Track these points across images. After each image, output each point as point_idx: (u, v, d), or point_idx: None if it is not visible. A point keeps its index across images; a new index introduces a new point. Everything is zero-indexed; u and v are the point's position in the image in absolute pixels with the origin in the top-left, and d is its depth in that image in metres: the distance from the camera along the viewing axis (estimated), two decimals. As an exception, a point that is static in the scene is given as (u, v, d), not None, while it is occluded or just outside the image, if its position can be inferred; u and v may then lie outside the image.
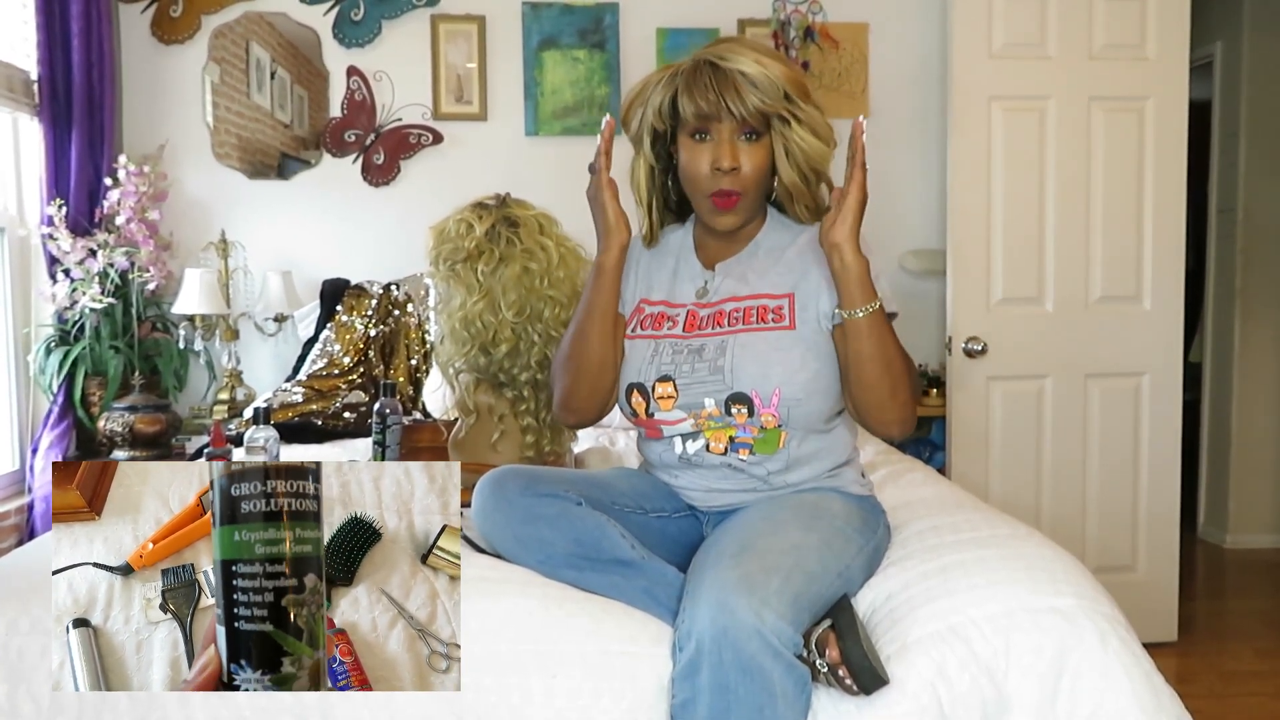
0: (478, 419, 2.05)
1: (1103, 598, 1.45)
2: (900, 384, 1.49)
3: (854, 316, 1.47)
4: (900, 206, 3.44)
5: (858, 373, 1.50)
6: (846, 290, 1.48)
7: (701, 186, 1.56)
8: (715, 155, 1.53)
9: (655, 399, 1.56)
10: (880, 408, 1.51)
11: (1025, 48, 2.96)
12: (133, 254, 2.95)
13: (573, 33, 3.33)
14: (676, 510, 1.63)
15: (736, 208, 1.56)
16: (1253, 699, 2.76)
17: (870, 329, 1.47)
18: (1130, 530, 3.08)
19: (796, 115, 1.53)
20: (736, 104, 1.51)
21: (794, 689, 1.27)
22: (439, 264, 2.01)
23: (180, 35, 3.24)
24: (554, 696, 1.34)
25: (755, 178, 1.55)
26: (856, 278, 1.47)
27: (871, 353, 1.48)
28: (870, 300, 1.47)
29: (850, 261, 1.47)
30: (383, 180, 3.33)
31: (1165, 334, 3.06)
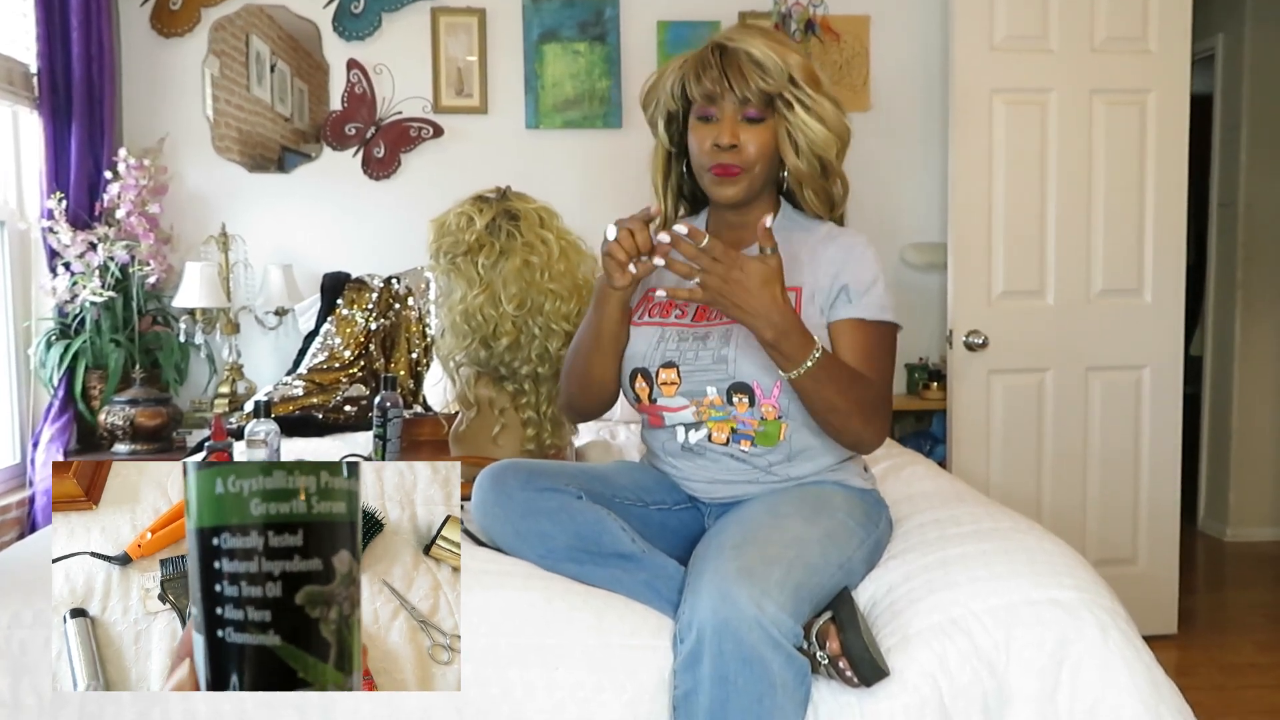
0: (478, 412, 2.05)
1: (1103, 590, 1.45)
2: (850, 422, 1.48)
3: (791, 378, 1.45)
4: (901, 199, 3.44)
5: (807, 411, 1.50)
6: (777, 359, 1.44)
7: (704, 163, 1.56)
8: (717, 133, 1.54)
9: (659, 384, 1.56)
10: (833, 437, 1.53)
11: (1027, 40, 2.95)
12: (133, 247, 2.95)
13: (573, 25, 3.33)
14: (677, 503, 1.63)
15: (736, 179, 1.55)
16: (1252, 691, 2.76)
17: (808, 388, 1.45)
18: (1131, 523, 3.08)
19: (802, 101, 1.53)
20: (739, 84, 1.51)
21: (794, 680, 1.27)
22: (439, 257, 2.01)
23: (180, 28, 3.23)
24: (555, 689, 1.35)
25: (757, 157, 1.55)
26: (780, 350, 1.42)
27: (814, 407, 1.48)
28: (802, 357, 1.42)
29: (769, 338, 1.41)
30: (383, 173, 3.33)
31: (1166, 327, 3.05)
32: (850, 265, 1.55)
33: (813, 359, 1.43)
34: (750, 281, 1.39)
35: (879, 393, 1.53)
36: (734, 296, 1.39)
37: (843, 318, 1.54)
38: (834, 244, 1.58)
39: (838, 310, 1.55)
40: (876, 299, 1.55)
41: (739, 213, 1.62)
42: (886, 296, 1.56)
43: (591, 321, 1.60)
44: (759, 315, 1.40)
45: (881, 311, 1.55)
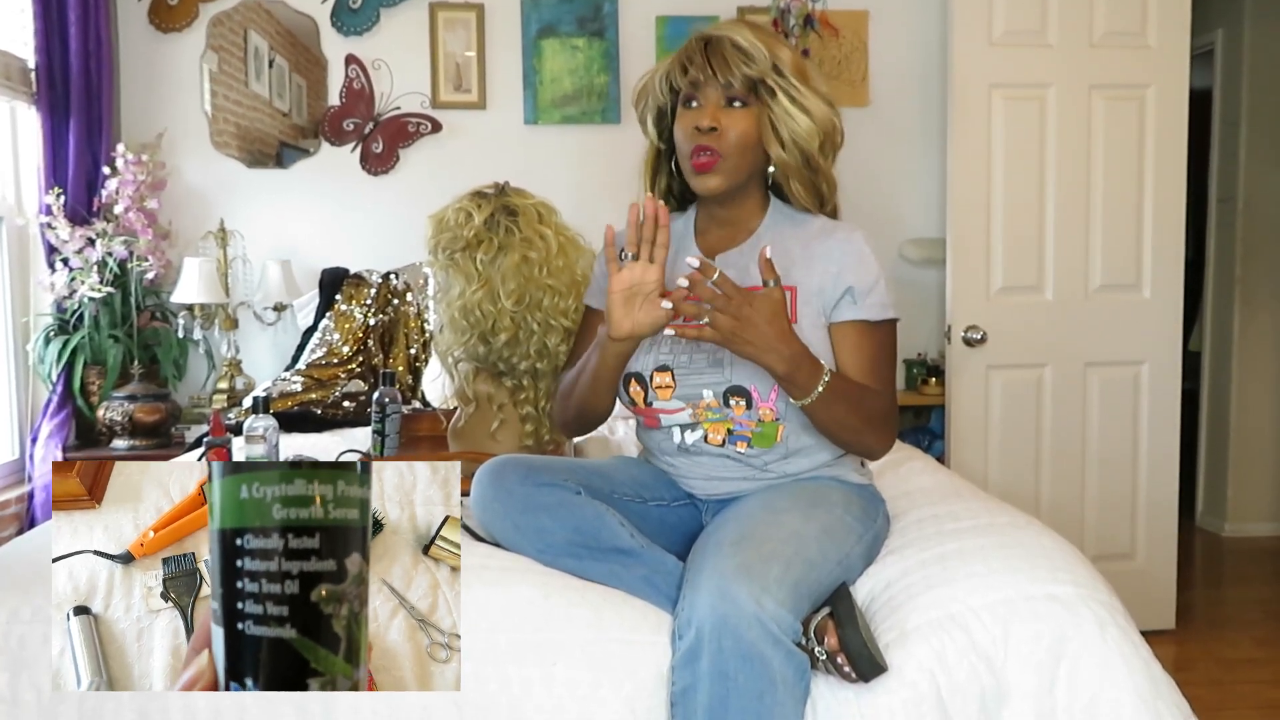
0: (477, 408, 2.05)
1: (1101, 586, 1.45)
2: (863, 436, 1.51)
3: (804, 404, 1.45)
4: (900, 195, 3.44)
5: (818, 430, 1.52)
6: (788, 389, 1.45)
7: (685, 150, 1.56)
8: (698, 117, 1.54)
9: (653, 388, 1.56)
10: (845, 449, 1.58)
11: (1026, 35, 2.95)
12: (131, 243, 2.95)
13: (572, 20, 3.32)
14: (676, 499, 1.63)
15: (715, 169, 1.54)
16: (1250, 687, 2.77)
17: (819, 411, 1.46)
18: (1129, 519, 3.09)
19: (786, 90, 1.53)
20: (721, 69, 1.52)
21: (793, 676, 1.28)
22: (438, 253, 2.01)
23: (178, 23, 3.23)
24: (553, 685, 1.35)
25: (737, 144, 1.53)
26: (793, 381, 1.43)
27: (825, 427, 1.50)
28: (813, 385, 1.43)
29: (782, 372, 1.42)
30: (381, 169, 3.32)
31: (1165, 323, 3.06)
32: (852, 265, 1.54)
33: (823, 384, 1.43)
34: (759, 317, 1.38)
35: (887, 403, 1.54)
36: (745, 333, 1.39)
37: (847, 319, 1.54)
38: (831, 240, 1.57)
39: (841, 312, 1.54)
40: (880, 298, 1.54)
41: (727, 208, 1.61)
42: (888, 293, 1.55)
43: (591, 364, 1.56)
44: (770, 350, 1.40)
45: (885, 310, 1.55)
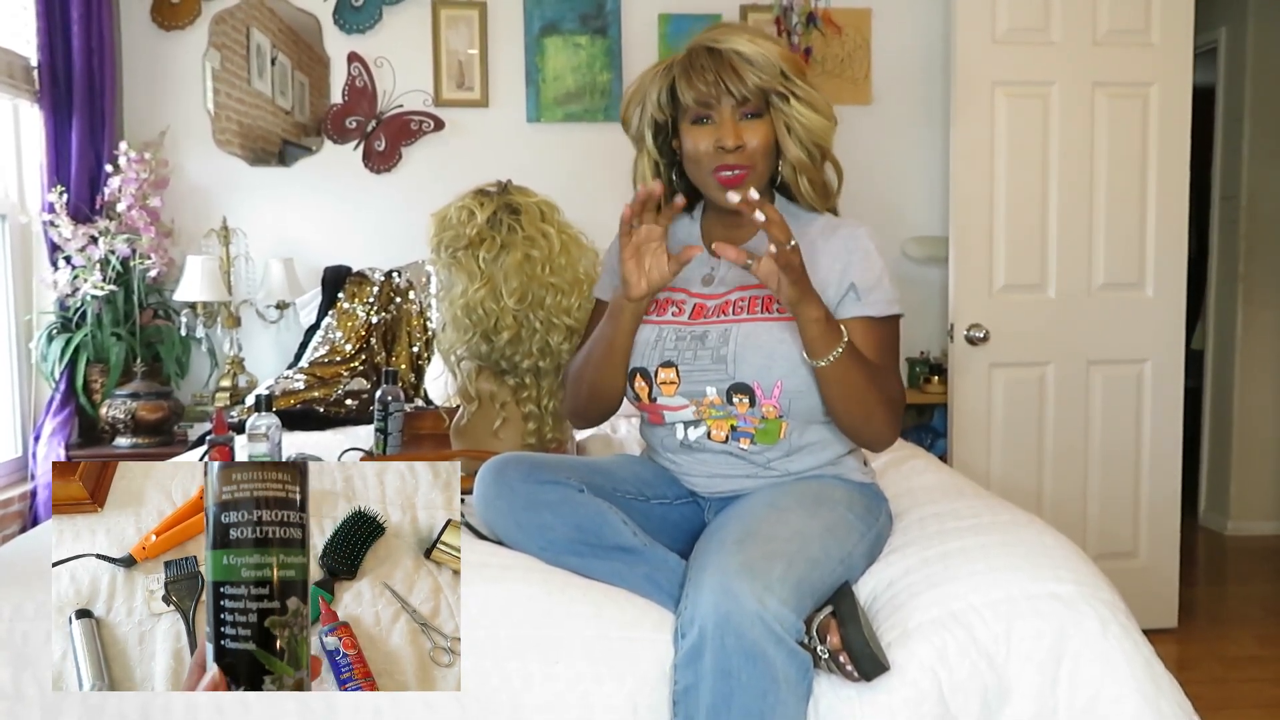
0: (479, 406, 2.05)
1: (1103, 584, 1.45)
2: (874, 414, 1.50)
3: (821, 365, 1.46)
4: (902, 193, 3.43)
5: (829, 405, 1.51)
6: (810, 342, 1.45)
7: (706, 166, 1.55)
8: (718, 135, 1.53)
9: (658, 384, 1.56)
10: (853, 433, 1.55)
11: (1029, 33, 2.95)
12: (134, 241, 2.95)
13: (574, 18, 3.32)
14: (678, 497, 1.63)
15: (744, 183, 1.54)
16: (1252, 685, 2.77)
17: (837, 375, 1.46)
18: (1131, 517, 3.09)
19: (794, 92, 1.54)
20: (735, 84, 1.51)
21: (796, 674, 1.28)
22: (440, 251, 2.01)
23: (180, 21, 3.23)
24: (555, 682, 1.35)
25: (760, 153, 1.54)
26: (819, 331, 1.44)
27: (841, 394, 1.48)
28: (834, 346, 1.45)
29: (810, 317, 1.43)
30: (384, 167, 3.33)
31: (1167, 321, 3.05)
32: (856, 261, 1.55)
33: (843, 345, 1.45)
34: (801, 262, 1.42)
35: (898, 387, 1.55)
36: (802, 279, 1.41)
37: (853, 316, 1.53)
38: (835, 237, 1.57)
39: (846, 309, 1.54)
40: (884, 294, 1.54)
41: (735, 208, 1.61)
42: (892, 289, 1.56)
43: (606, 334, 1.57)
44: (813, 295, 1.43)
45: (889, 306, 1.55)
